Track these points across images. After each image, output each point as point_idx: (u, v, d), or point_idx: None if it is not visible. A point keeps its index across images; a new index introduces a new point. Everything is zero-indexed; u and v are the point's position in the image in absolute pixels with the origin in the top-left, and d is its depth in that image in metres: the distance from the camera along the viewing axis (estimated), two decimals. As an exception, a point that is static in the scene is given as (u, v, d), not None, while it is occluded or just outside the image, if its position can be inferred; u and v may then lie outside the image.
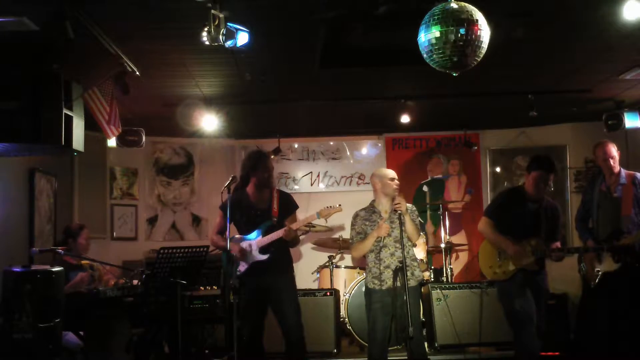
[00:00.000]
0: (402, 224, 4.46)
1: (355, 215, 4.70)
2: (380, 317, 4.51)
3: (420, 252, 6.48)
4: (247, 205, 4.85)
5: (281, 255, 4.81)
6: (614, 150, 5.03)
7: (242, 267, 4.77)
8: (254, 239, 4.78)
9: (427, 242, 7.03)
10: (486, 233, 4.88)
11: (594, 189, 5.18)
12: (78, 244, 5.24)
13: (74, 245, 5.22)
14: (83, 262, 5.11)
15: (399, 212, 4.45)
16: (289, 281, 4.83)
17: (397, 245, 4.49)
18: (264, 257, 4.74)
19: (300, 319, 4.77)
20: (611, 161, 5.00)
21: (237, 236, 4.85)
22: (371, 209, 4.68)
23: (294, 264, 4.99)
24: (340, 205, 4.80)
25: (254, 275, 4.74)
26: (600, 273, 4.93)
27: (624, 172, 5.01)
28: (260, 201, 4.88)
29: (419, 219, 4.75)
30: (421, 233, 4.79)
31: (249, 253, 4.76)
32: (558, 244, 4.81)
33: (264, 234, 4.77)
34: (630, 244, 4.73)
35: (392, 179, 4.61)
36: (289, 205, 4.93)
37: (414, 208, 4.71)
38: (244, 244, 4.79)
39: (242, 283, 4.61)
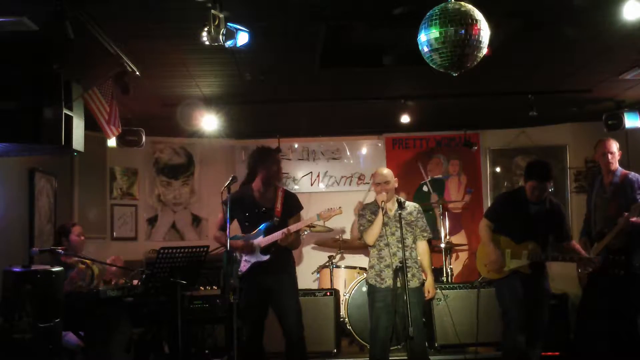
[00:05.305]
0: (402, 224, 4.48)
1: (364, 207, 4.84)
2: (383, 316, 4.52)
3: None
4: (250, 202, 4.83)
5: (282, 256, 4.80)
6: (614, 146, 5.04)
7: (244, 267, 4.76)
8: (256, 239, 4.77)
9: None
10: (481, 235, 4.92)
11: (593, 189, 5.20)
12: (71, 241, 5.21)
13: (68, 244, 5.20)
14: (74, 259, 5.09)
15: (400, 212, 4.48)
16: (290, 281, 4.83)
17: (400, 245, 4.50)
18: (265, 257, 4.73)
19: (301, 319, 4.77)
20: (609, 156, 5.01)
21: (239, 235, 4.84)
22: (375, 205, 4.71)
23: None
24: (340, 207, 4.82)
25: (255, 275, 4.74)
26: (586, 274, 4.99)
27: (620, 171, 5.01)
28: (264, 199, 4.86)
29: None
30: (430, 235, 4.82)
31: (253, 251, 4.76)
32: (573, 243, 4.81)
33: (265, 234, 4.76)
34: (601, 249, 4.80)
35: (378, 184, 4.66)
36: (293, 206, 4.91)
37: (420, 208, 4.74)
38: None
39: (243, 283, 4.61)
